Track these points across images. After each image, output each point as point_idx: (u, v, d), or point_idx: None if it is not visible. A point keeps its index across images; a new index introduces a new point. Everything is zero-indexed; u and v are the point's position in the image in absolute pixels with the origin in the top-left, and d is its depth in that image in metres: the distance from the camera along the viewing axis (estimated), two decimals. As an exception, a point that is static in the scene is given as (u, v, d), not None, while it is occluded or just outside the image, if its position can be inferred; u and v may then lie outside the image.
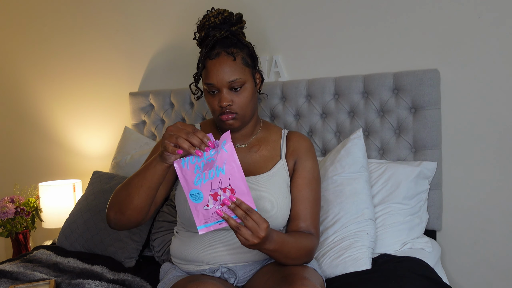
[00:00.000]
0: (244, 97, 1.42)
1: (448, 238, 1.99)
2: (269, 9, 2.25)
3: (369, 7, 2.05)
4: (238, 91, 1.41)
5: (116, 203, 1.34)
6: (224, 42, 1.42)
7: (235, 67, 1.40)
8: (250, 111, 1.47)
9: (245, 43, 1.46)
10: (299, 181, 1.49)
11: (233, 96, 1.41)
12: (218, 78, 1.39)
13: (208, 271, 1.42)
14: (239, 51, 1.42)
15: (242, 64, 1.42)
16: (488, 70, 1.88)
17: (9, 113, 3.07)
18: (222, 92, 1.40)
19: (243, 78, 1.41)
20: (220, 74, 1.39)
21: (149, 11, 2.56)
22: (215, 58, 1.40)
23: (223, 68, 1.39)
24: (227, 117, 1.42)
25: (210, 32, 1.46)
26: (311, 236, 1.44)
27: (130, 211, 1.31)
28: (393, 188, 1.81)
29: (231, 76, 1.39)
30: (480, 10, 1.88)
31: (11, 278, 1.72)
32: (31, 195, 2.69)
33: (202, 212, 1.19)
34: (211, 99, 1.44)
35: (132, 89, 2.64)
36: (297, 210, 1.46)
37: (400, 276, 1.49)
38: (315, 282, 1.28)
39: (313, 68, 2.18)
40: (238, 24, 1.50)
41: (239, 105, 1.42)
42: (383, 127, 1.99)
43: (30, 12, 2.92)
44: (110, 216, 1.36)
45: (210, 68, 1.40)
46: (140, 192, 1.29)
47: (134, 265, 1.92)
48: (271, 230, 1.26)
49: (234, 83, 1.40)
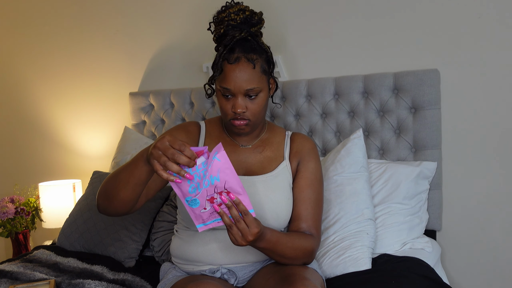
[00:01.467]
0: (258, 104, 1.41)
1: (448, 238, 1.99)
2: (269, 9, 2.24)
3: (369, 7, 2.05)
4: (253, 98, 1.40)
5: (104, 192, 1.31)
6: (244, 46, 1.38)
7: (254, 76, 1.38)
8: (262, 118, 1.46)
9: (264, 48, 1.43)
10: (301, 181, 1.48)
11: (248, 102, 1.40)
12: (236, 84, 1.37)
13: (208, 272, 1.42)
14: (259, 58, 1.39)
15: (260, 72, 1.40)
16: (488, 70, 1.88)
17: (9, 113, 3.07)
18: (237, 98, 1.38)
19: (260, 87, 1.39)
20: (239, 81, 1.36)
21: (149, 11, 2.56)
22: (234, 63, 1.37)
23: (242, 76, 1.36)
24: (240, 123, 1.41)
25: (229, 31, 1.41)
26: (311, 237, 1.43)
27: (117, 202, 1.29)
28: (393, 188, 1.81)
29: (249, 84, 1.37)
30: (480, 10, 1.88)
31: (11, 278, 1.72)
32: (31, 195, 2.69)
33: (200, 214, 1.19)
34: (224, 102, 1.42)
35: (132, 89, 2.64)
36: (298, 210, 1.46)
37: (400, 276, 1.49)
38: (315, 282, 1.28)
39: (313, 68, 2.18)
40: (258, 24, 1.46)
41: (252, 112, 1.41)
42: (383, 127, 1.99)
43: (30, 12, 2.91)
44: (99, 202, 1.34)
45: (228, 72, 1.37)
46: (127, 187, 1.25)
47: (134, 265, 1.92)
48: (264, 230, 1.26)
49: (251, 91, 1.38)
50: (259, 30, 1.47)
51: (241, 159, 1.51)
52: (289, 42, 2.22)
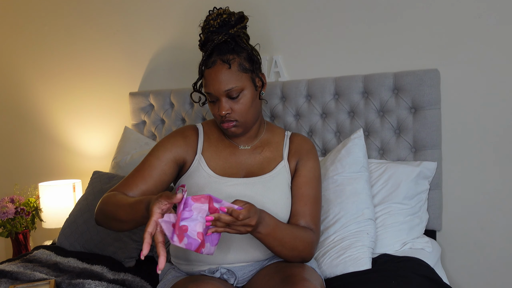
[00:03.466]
0: (243, 104, 1.42)
1: (448, 238, 1.99)
2: (269, 9, 2.25)
3: (369, 7, 2.05)
4: (237, 98, 1.41)
5: (102, 213, 1.35)
6: (221, 49, 1.41)
7: (231, 75, 1.39)
8: (252, 117, 1.46)
9: (243, 47, 1.43)
10: (299, 179, 1.49)
11: (232, 104, 1.42)
12: (214, 87, 1.40)
13: (208, 272, 1.42)
14: (236, 57, 1.41)
15: (239, 70, 1.41)
16: (488, 70, 1.88)
17: (9, 113, 3.07)
18: (221, 101, 1.41)
19: (239, 86, 1.40)
20: (216, 84, 1.39)
21: (149, 11, 2.56)
22: (211, 67, 1.40)
23: (218, 77, 1.39)
24: (228, 125, 1.44)
25: (210, 36, 1.44)
26: (310, 230, 1.43)
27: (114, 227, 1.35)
28: (393, 188, 1.81)
29: (227, 85, 1.39)
30: (480, 10, 1.88)
31: (11, 278, 1.72)
32: (31, 195, 2.70)
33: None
34: (212, 107, 1.46)
35: (132, 89, 2.64)
36: (296, 207, 1.46)
37: (400, 276, 1.49)
38: (315, 283, 1.28)
39: (313, 68, 2.18)
40: (238, 24, 1.46)
41: (238, 112, 1.42)
42: (383, 127, 1.99)
43: (30, 12, 2.91)
44: (97, 218, 1.39)
45: (207, 77, 1.41)
46: (124, 223, 1.30)
47: (134, 265, 1.92)
48: (261, 213, 1.26)
49: (230, 91, 1.40)
50: (241, 31, 1.47)
51: (240, 161, 1.51)
52: (289, 42, 2.22)
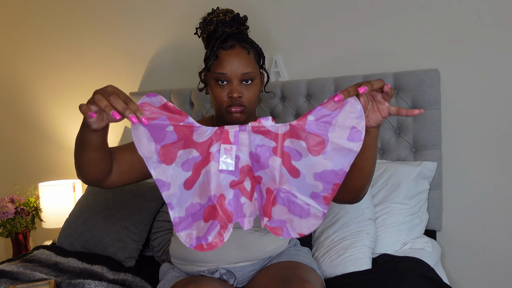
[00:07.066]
0: (253, 92, 1.42)
1: (448, 238, 1.99)
2: (269, 9, 2.25)
3: (369, 7, 2.05)
4: (249, 84, 1.41)
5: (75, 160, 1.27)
6: (237, 37, 1.42)
7: (249, 61, 1.41)
8: (255, 107, 1.47)
9: (254, 43, 1.47)
10: None
11: (243, 89, 1.41)
12: (232, 68, 1.38)
13: (207, 272, 1.42)
14: (251, 48, 1.44)
15: (254, 59, 1.43)
16: (488, 70, 1.88)
17: (9, 113, 3.07)
18: (233, 83, 1.39)
19: (255, 73, 1.42)
20: (235, 65, 1.39)
21: (149, 11, 2.56)
22: (229, 49, 1.40)
23: (238, 60, 1.39)
24: (236, 109, 1.40)
25: (219, 27, 1.45)
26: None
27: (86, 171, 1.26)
28: (393, 188, 1.81)
29: (245, 68, 1.39)
30: (480, 10, 1.88)
31: (11, 278, 1.72)
32: (31, 195, 2.69)
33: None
34: (219, 90, 1.41)
35: (132, 89, 2.64)
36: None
37: (400, 276, 1.49)
38: (315, 284, 1.28)
39: (313, 68, 2.18)
40: (245, 24, 1.52)
41: (248, 98, 1.41)
42: (383, 127, 1.99)
43: (29, 12, 2.92)
44: (76, 170, 1.30)
45: (224, 58, 1.39)
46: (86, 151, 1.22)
47: (134, 265, 1.92)
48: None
49: (247, 75, 1.39)
50: (247, 29, 1.52)
51: None
52: (289, 42, 2.22)
